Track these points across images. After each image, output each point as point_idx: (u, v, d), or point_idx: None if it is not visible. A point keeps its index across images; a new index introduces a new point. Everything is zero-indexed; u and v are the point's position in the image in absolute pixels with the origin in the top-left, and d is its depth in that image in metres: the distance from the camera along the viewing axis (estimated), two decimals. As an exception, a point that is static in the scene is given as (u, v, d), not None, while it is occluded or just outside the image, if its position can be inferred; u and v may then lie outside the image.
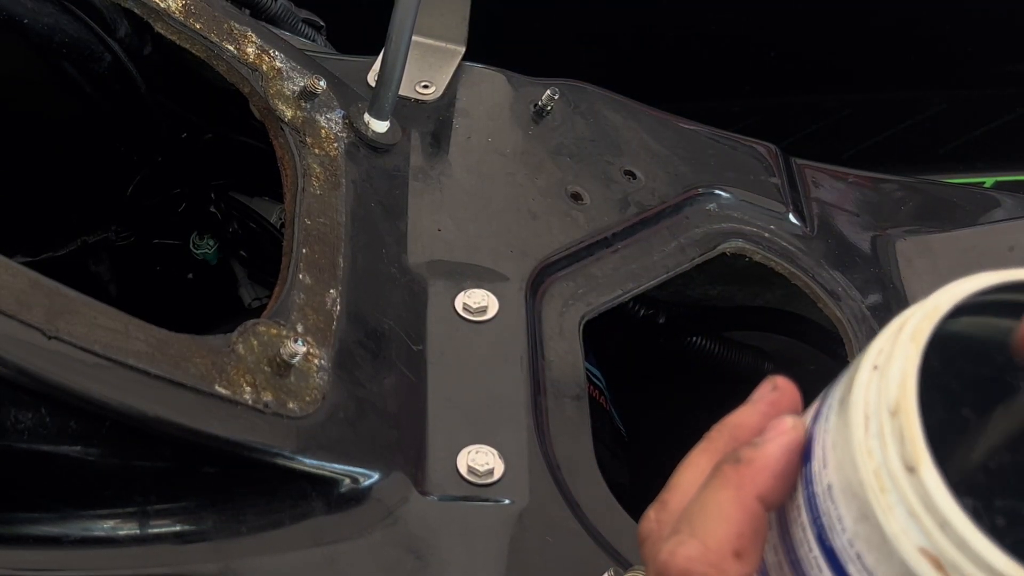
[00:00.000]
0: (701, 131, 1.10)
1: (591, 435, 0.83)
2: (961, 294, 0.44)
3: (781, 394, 0.51)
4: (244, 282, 1.15)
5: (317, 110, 0.91)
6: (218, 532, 0.68)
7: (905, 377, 0.42)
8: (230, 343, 0.71)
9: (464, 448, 0.76)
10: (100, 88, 0.97)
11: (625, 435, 1.11)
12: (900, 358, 0.42)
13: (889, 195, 1.15)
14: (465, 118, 0.99)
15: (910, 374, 0.42)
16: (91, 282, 1.14)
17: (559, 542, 0.75)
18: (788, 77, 1.80)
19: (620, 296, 0.93)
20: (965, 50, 1.79)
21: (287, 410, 0.71)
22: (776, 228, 1.03)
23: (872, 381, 0.43)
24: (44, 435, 0.64)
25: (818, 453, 0.44)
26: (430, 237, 0.89)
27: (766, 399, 0.51)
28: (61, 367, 0.63)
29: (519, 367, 0.82)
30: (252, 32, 0.92)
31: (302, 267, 0.79)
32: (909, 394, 0.41)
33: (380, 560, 0.70)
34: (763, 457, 0.46)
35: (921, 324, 0.43)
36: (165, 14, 0.90)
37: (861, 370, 0.44)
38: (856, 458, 0.42)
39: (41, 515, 0.66)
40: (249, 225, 1.12)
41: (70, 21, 0.91)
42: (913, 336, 0.43)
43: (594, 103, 1.06)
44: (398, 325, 0.82)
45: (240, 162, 1.08)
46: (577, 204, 0.96)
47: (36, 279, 0.65)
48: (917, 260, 1.04)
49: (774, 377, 0.52)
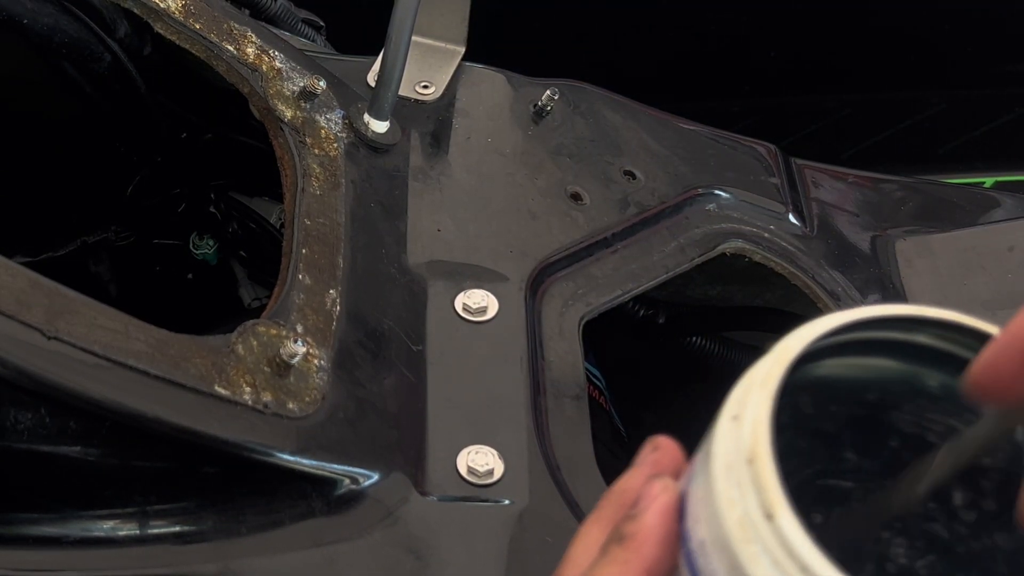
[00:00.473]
0: (701, 131, 1.10)
1: (591, 435, 0.83)
2: (808, 337, 0.44)
3: (662, 454, 0.51)
4: (244, 282, 1.15)
5: (317, 110, 0.91)
6: (218, 532, 0.68)
7: (757, 424, 0.41)
8: (230, 343, 0.71)
9: (464, 448, 0.76)
10: (100, 88, 0.97)
11: (625, 435, 1.11)
12: (753, 406, 0.42)
13: (889, 195, 1.15)
14: (465, 118, 0.99)
15: (762, 420, 0.41)
16: (91, 282, 1.14)
17: (559, 542, 0.74)
18: (788, 77, 1.80)
19: (620, 296, 0.93)
20: (965, 50, 1.78)
21: (287, 410, 0.71)
22: (776, 228, 1.03)
23: (730, 431, 0.43)
24: (44, 435, 0.64)
25: (691, 510, 0.44)
26: (430, 237, 0.89)
27: (648, 461, 0.51)
28: (61, 367, 0.63)
29: (519, 367, 0.82)
30: (252, 32, 0.92)
31: (302, 267, 0.79)
32: (763, 441, 0.41)
33: (380, 560, 0.70)
34: (643, 529, 0.46)
35: (771, 371, 0.43)
36: (165, 14, 0.90)
37: (721, 422, 0.44)
38: (720, 510, 0.41)
39: (41, 515, 0.66)
40: (249, 225, 1.12)
41: (70, 21, 0.91)
42: (764, 383, 0.43)
43: (594, 103, 1.06)
44: (398, 325, 0.82)
45: (240, 162, 1.08)
46: (577, 204, 0.96)
47: (36, 279, 0.65)
48: (917, 260, 1.04)
49: (654, 437, 0.52)
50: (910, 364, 0.46)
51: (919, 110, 1.84)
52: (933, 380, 0.47)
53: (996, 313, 1.00)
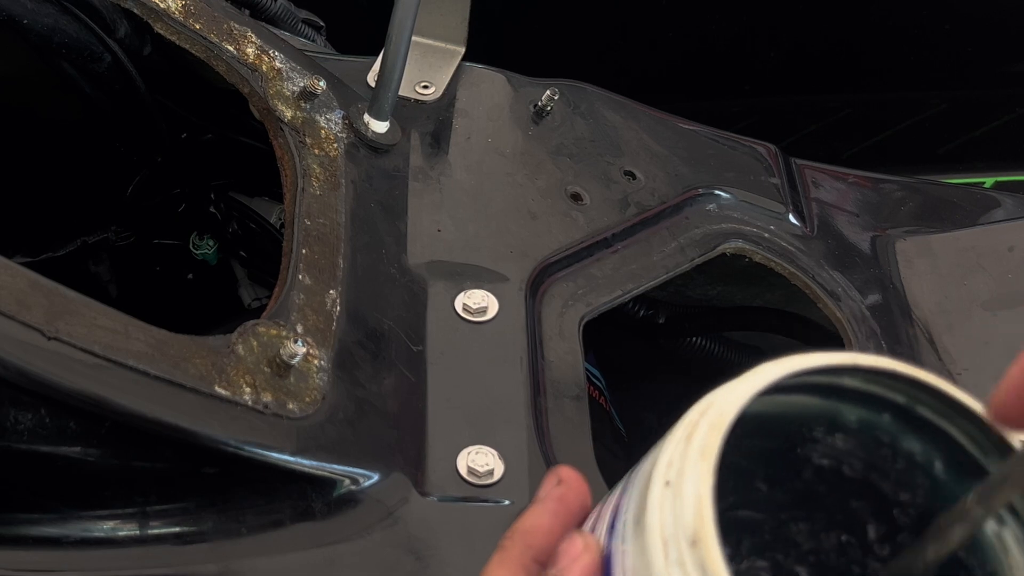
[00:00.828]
0: (701, 131, 1.10)
1: (591, 435, 0.83)
2: (744, 398, 0.42)
3: (567, 488, 0.49)
4: (244, 282, 1.15)
5: (317, 110, 0.91)
6: (218, 533, 0.68)
7: (701, 502, 0.39)
8: (230, 344, 0.71)
9: (464, 449, 0.76)
10: (100, 88, 0.97)
11: (625, 435, 1.11)
12: (692, 479, 0.40)
13: (889, 195, 1.15)
14: (465, 118, 0.99)
15: (705, 498, 0.39)
16: (91, 282, 1.14)
17: (559, 542, 0.75)
18: (788, 77, 1.80)
19: (620, 296, 0.93)
20: (965, 50, 1.78)
21: (287, 411, 0.71)
22: (776, 228, 1.03)
23: (666, 500, 0.40)
24: (44, 435, 0.64)
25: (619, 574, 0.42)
26: (430, 237, 0.89)
27: (552, 496, 0.49)
28: (61, 368, 0.63)
29: (519, 367, 0.82)
30: (252, 32, 0.92)
31: (302, 267, 0.79)
32: (707, 522, 0.39)
33: (380, 561, 0.70)
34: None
35: (709, 438, 0.41)
36: (165, 14, 0.90)
37: (653, 486, 0.41)
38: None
39: (41, 516, 0.66)
40: (249, 225, 1.12)
41: (70, 21, 0.91)
42: (703, 452, 0.40)
43: (594, 103, 1.06)
44: (398, 325, 0.82)
45: (240, 162, 1.08)
46: (577, 204, 0.96)
47: (36, 279, 0.65)
48: (917, 260, 1.04)
49: (557, 469, 0.50)
50: (830, 401, 0.45)
51: (919, 110, 1.84)
52: (852, 415, 0.46)
53: (996, 313, 1.00)
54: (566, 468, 0.50)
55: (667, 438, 0.43)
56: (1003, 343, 0.98)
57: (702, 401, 0.43)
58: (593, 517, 0.48)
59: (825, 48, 1.78)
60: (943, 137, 1.85)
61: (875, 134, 1.85)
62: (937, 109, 1.84)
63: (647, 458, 0.45)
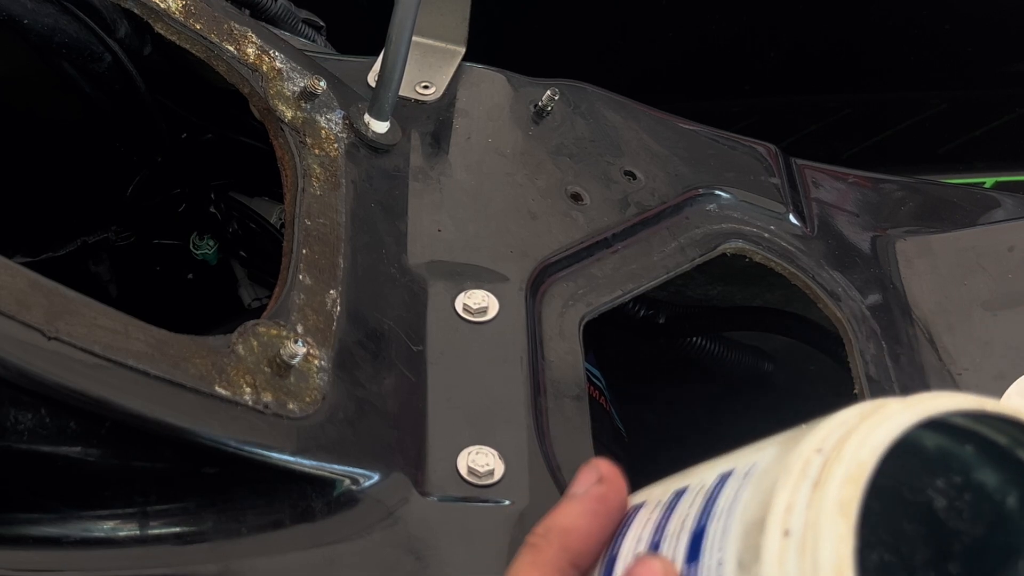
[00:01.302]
0: (701, 131, 1.10)
1: (591, 435, 0.83)
2: (882, 445, 0.38)
3: (609, 487, 0.45)
4: (244, 282, 1.15)
5: (317, 110, 0.91)
6: (218, 533, 0.68)
7: (841, 568, 0.35)
8: (230, 344, 0.71)
9: (464, 449, 0.76)
10: (100, 88, 0.97)
11: (625, 435, 1.11)
12: (830, 540, 0.36)
13: (889, 195, 1.15)
14: (465, 118, 0.99)
15: (846, 562, 0.35)
16: (91, 282, 1.14)
17: (559, 542, 0.75)
18: (788, 77, 1.80)
19: (620, 296, 0.93)
20: (965, 50, 1.78)
21: (287, 411, 0.71)
22: (776, 228, 1.03)
23: (788, 554, 0.37)
24: (44, 435, 0.64)
25: None
26: (430, 237, 0.89)
27: (592, 495, 0.45)
28: (61, 367, 0.63)
29: (519, 367, 0.82)
30: (252, 32, 0.92)
31: (302, 267, 0.79)
32: None
33: (380, 561, 0.70)
34: None
35: (847, 492, 0.37)
36: (165, 14, 0.90)
37: (769, 533, 0.37)
38: None
39: (41, 515, 0.66)
40: (249, 225, 1.12)
41: (70, 21, 0.91)
42: (842, 509, 0.36)
43: (594, 103, 1.06)
44: (398, 325, 0.82)
45: (240, 162, 1.08)
46: (577, 204, 0.96)
47: (36, 279, 0.65)
48: (917, 260, 1.04)
49: (596, 463, 0.46)
50: (918, 430, 0.41)
51: (919, 110, 1.84)
52: (931, 442, 0.43)
53: (996, 313, 1.00)
54: (606, 463, 0.46)
55: (761, 468, 0.39)
56: (1003, 343, 0.98)
57: (815, 434, 0.39)
58: (640, 527, 0.44)
59: (825, 48, 1.78)
60: (943, 137, 1.85)
61: (875, 134, 1.85)
62: (937, 109, 1.84)
63: (726, 483, 0.41)
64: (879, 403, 0.40)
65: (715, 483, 0.42)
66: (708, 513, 0.41)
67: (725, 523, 0.40)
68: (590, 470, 0.46)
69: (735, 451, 0.45)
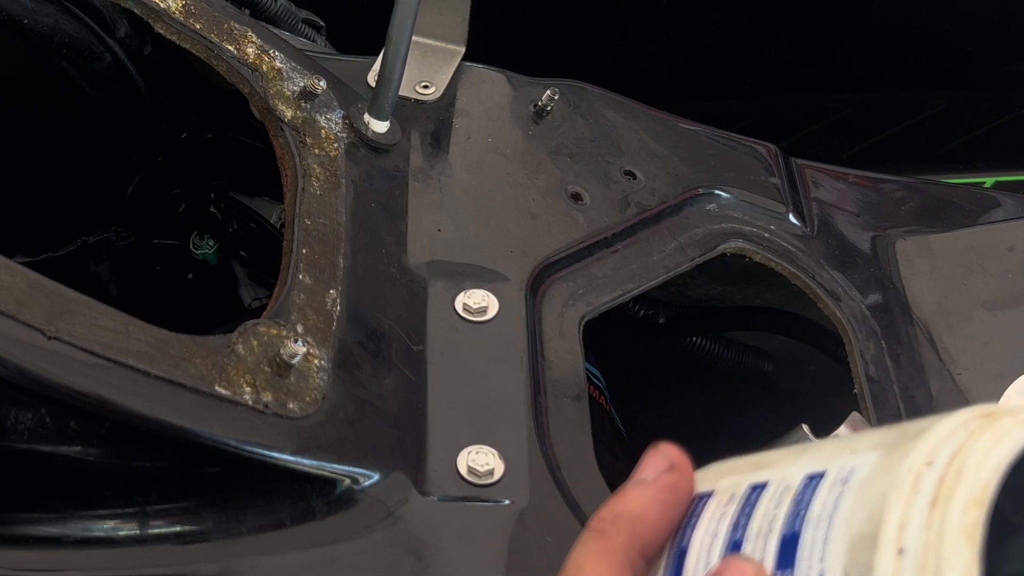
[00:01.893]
0: (701, 131, 1.10)
1: (591, 435, 0.83)
2: (1004, 462, 0.36)
3: (680, 476, 0.43)
4: (244, 282, 1.15)
5: (317, 110, 0.91)
6: (218, 532, 0.68)
7: None
8: (230, 343, 0.71)
9: (464, 448, 0.76)
10: (100, 88, 0.97)
11: (625, 435, 1.11)
12: (956, 566, 0.34)
13: (889, 195, 1.15)
14: (465, 118, 0.99)
15: None
16: (91, 282, 1.14)
17: (559, 542, 0.75)
18: (788, 77, 1.80)
19: (620, 296, 0.93)
20: (965, 50, 1.78)
21: (287, 410, 0.71)
22: (776, 228, 1.03)
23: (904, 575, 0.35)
24: (44, 435, 0.64)
25: None
26: (430, 237, 0.89)
27: (663, 484, 0.43)
28: (61, 367, 0.63)
29: (519, 367, 0.82)
30: (252, 32, 0.92)
31: (302, 267, 0.79)
32: None
33: (380, 560, 0.70)
34: None
35: (971, 516, 0.35)
36: (165, 14, 0.90)
37: (882, 551, 0.36)
38: None
39: (41, 515, 0.66)
40: (249, 225, 1.12)
41: (70, 21, 0.91)
42: (967, 534, 0.35)
43: (594, 103, 1.06)
44: (398, 325, 0.82)
45: (240, 162, 1.08)
46: (577, 204, 0.96)
47: (36, 279, 0.65)
48: (917, 260, 1.04)
49: (666, 448, 0.44)
50: None
51: (919, 110, 1.84)
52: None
53: (996, 313, 1.00)
54: (676, 450, 0.44)
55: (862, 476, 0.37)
56: (1003, 343, 0.98)
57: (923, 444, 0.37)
58: (713, 521, 0.42)
59: (825, 48, 1.78)
60: (943, 137, 1.85)
61: (875, 134, 1.85)
62: (937, 109, 1.84)
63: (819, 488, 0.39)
64: (986, 412, 0.38)
65: (803, 484, 0.41)
66: (801, 518, 0.40)
67: (826, 533, 0.38)
68: (659, 456, 0.44)
69: (815, 445, 0.43)
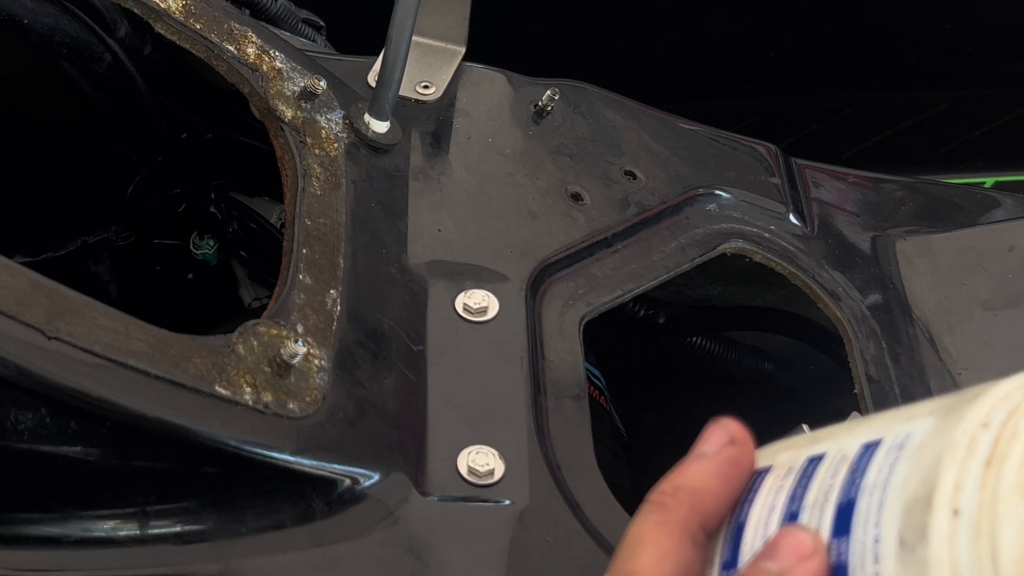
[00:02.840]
0: (701, 131, 1.10)
1: (591, 435, 0.83)
2: None
3: (741, 450, 0.43)
4: (244, 282, 1.15)
5: (317, 110, 0.91)
6: (218, 532, 0.68)
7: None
8: (230, 343, 0.71)
9: (464, 448, 0.76)
10: (100, 88, 0.97)
11: (625, 435, 1.11)
12: (1011, 523, 0.34)
13: (889, 195, 1.15)
14: (465, 118, 0.99)
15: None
16: (91, 282, 1.14)
17: (559, 542, 0.75)
18: (788, 77, 1.80)
19: (620, 296, 0.93)
20: (965, 50, 1.79)
21: (287, 411, 0.71)
22: (776, 228, 1.03)
23: (960, 536, 0.35)
24: (44, 435, 0.64)
25: None
26: (430, 237, 0.89)
27: (724, 457, 0.43)
28: (61, 367, 0.63)
29: (519, 367, 0.82)
30: (252, 32, 0.92)
31: (302, 267, 0.79)
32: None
33: (380, 560, 0.70)
34: None
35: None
36: (165, 14, 0.90)
37: (936, 512, 0.35)
38: None
39: (41, 515, 0.66)
40: (249, 225, 1.12)
41: (70, 21, 0.91)
42: (1021, 490, 0.34)
43: (594, 103, 1.06)
44: (398, 325, 0.82)
45: (240, 162, 1.08)
46: (577, 204, 0.96)
47: (36, 279, 0.65)
48: (917, 260, 1.04)
49: (727, 422, 0.43)
50: None
51: (919, 110, 1.84)
52: None
53: (996, 313, 1.00)
54: (737, 424, 0.43)
55: (917, 440, 0.36)
56: (1003, 343, 0.98)
57: (978, 407, 0.36)
58: (770, 494, 0.42)
59: (825, 48, 1.78)
60: (943, 137, 1.85)
61: (875, 134, 1.85)
62: (937, 109, 1.84)
63: (875, 455, 0.38)
64: None
65: (860, 453, 0.40)
66: (856, 486, 0.39)
67: (881, 498, 0.38)
68: (720, 429, 0.43)
69: (873, 416, 0.43)
